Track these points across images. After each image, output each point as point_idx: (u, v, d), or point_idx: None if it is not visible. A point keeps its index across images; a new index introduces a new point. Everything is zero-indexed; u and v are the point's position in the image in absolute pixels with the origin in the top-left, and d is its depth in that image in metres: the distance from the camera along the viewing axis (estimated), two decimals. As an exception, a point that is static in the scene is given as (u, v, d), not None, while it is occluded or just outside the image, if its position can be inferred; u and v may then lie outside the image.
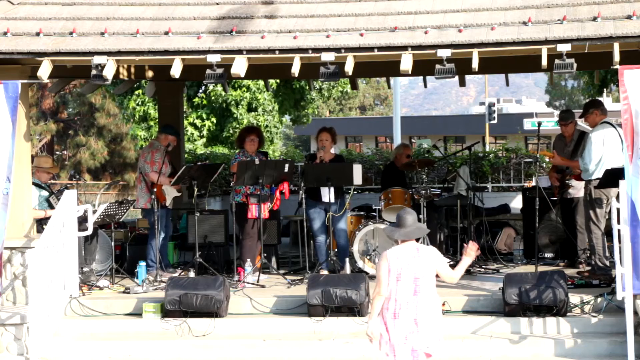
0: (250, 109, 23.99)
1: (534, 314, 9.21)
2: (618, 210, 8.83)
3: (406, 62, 9.08)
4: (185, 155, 17.18)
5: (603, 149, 10.19)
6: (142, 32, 9.55)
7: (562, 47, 8.78)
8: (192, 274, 10.62)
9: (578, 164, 10.47)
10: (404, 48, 9.11)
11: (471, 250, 6.85)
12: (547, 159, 14.41)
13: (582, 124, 12.49)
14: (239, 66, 9.27)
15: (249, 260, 11.12)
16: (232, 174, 11.13)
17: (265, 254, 11.21)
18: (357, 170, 10.94)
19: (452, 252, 12.19)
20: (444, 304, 9.00)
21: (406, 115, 58.89)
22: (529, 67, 12.29)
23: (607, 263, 10.23)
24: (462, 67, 9.53)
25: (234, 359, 9.10)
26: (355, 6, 9.77)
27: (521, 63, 11.71)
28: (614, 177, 9.55)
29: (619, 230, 8.78)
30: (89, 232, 10.64)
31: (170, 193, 11.29)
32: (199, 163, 11.93)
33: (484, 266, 11.68)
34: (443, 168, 15.98)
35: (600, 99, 15.53)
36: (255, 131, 11.77)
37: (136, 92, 23.67)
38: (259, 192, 11.00)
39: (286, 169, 11.08)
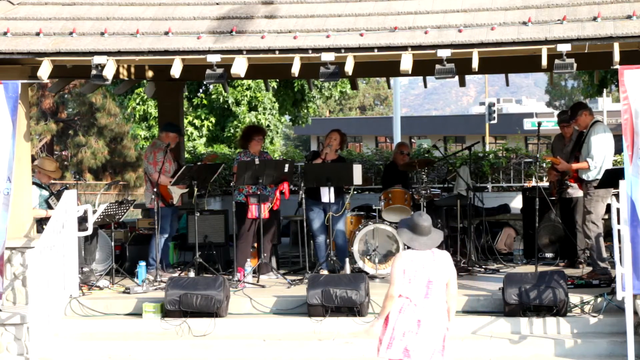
0: (251, 108, 23.99)
1: (534, 314, 9.21)
2: (618, 210, 8.83)
3: (406, 62, 9.08)
4: (186, 155, 17.19)
5: (606, 148, 10.23)
6: (142, 32, 9.54)
7: (562, 47, 8.78)
8: (192, 274, 10.62)
9: (584, 166, 10.41)
10: (404, 48, 9.11)
11: None
12: (548, 161, 14.39)
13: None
14: (239, 66, 9.27)
15: (249, 260, 11.13)
16: (233, 174, 11.12)
17: (265, 254, 11.20)
18: (357, 170, 10.94)
19: (452, 252, 12.19)
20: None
21: (406, 115, 58.96)
22: (529, 67, 12.29)
23: (607, 263, 10.23)
24: (462, 67, 9.52)
25: (234, 359, 9.10)
26: (355, 6, 9.77)
27: (521, 63, 11.71)
28: (613, 177, 9.56)
29: (619, 230, 8.78)
30: (89, 232, 10.64)
31: (177, 190, 11.30)
32: (199, 163, 11.92)
33: (484, 266, 11.69)
34: (443, 168, 15.97)
35: (600, 99, 15.55)
36: (262, 131, 11.78)
37: (136, 92, 23.67)
38: (260, 192, 10.99)
39: (286, 169, 11.08)
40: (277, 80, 23.05)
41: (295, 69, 9.27)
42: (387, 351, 6.58)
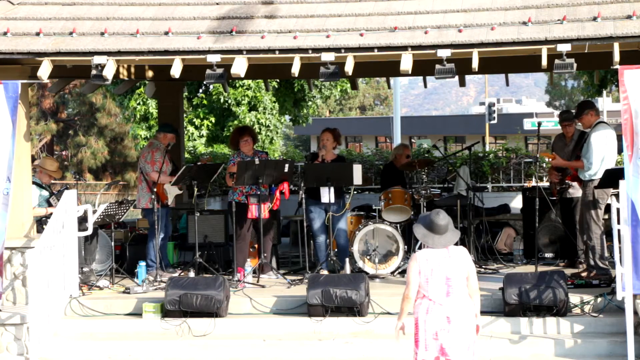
0: (251, 107, 23.99)
1: (534, 314, 9.21)
2: (618, 210, 8.83)
3: (406, 62, 9.08)
4: (186, 155, 17.18)
5: (605, 149, 10.22)
6: (142, 32, 9.55)
7: (562, 47, 8.79)
8: (192, 274, 10.62)
9: (579, 165, 10.44)
10: (404, 48, 9.11)
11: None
12: (547, 159, 14.41)
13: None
14: (239, 66, 9.28)
15: (249, 260, 11.13)
16: (231, 175, 11.09)
17: (265, 254, 11.20)
18: (357, 170, 10.94)
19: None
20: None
21: (406, 115, 58.98)
22: (529, 67, 12.28)
23: (607, 263, 10.23)
24: (462, 67, 9.53)
25: (234, 359, 9.11)
26: (355, 6, 9.77)
27: (521, 63, 11.71)
28: (613, 177, 9.56)
29: (619, 230, 8.78)
30: (89, 232, 10.64)
31: (172, 192, 11.31)
32: (198, 163, 11.93)
33: (484, 266, 11.69)
34: (443, 168, 15.97)
35: (600, 99, 15.54)
36: (248, 131, 11.73)
37: (137, 92, 23.67)
38: (256, 192, 10.98)
39: (286, 169, 11.07)
40: (277, 80, 23.04)
41: (295, 69, 9.27)
42: (425, 353, 6.58)
